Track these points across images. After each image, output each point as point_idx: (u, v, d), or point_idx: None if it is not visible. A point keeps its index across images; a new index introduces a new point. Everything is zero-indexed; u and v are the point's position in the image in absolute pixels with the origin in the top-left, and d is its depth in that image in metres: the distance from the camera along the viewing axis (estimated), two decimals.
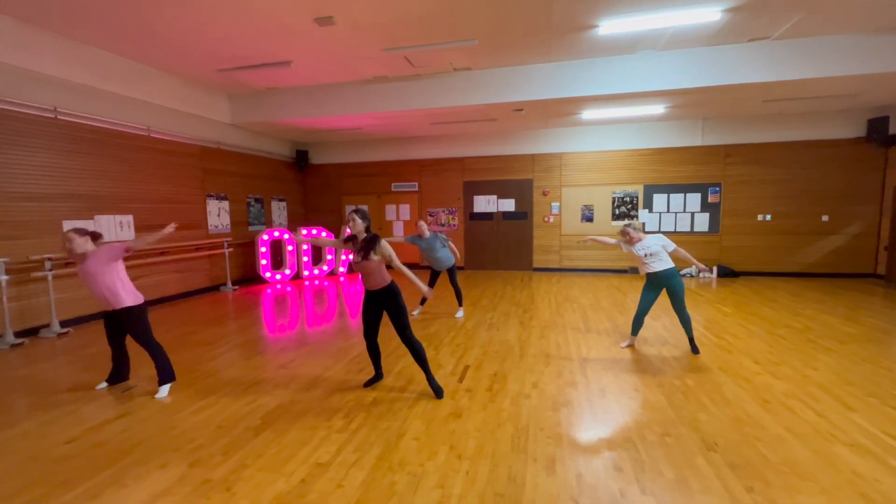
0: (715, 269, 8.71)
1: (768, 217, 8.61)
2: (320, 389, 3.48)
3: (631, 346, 4.42)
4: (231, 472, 2.39)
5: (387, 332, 4.81)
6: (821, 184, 8.32)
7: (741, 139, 8.58)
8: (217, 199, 8.09)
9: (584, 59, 6.43)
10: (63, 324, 5.45)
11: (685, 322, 4.19)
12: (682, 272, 8.87)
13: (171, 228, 3.45)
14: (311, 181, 10.95)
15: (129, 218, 6.37)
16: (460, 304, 5.87)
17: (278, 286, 8.38)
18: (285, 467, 2.43)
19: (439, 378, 3.67)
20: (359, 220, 3.27)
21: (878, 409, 3.01)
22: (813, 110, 8.02)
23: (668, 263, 4.12)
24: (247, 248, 8.82)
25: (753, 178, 8.60)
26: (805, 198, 8.42)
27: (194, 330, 5.33)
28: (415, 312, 5.96)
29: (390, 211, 10.56)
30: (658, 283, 4.17)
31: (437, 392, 3.31)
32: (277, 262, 9.14)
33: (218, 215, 8.11)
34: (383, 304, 3.31)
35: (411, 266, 6.13)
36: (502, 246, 10.00)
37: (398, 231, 10.51)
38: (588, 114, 7.99)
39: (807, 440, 2.64)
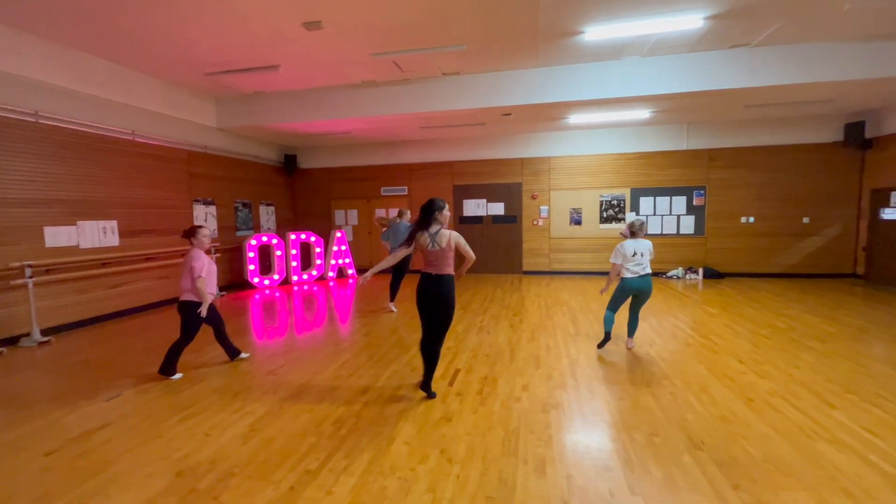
0: (701, 270, 8.86)
1: (751, 219, 8.79)
2: (310, 395, 3.45)
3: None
4: (218, 481, 2.36)
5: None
6: (801, 187, 8.53)
7: (725, 143, 8.76)
8: (204, 203, 7.99)
9: (571, 65, 6.52)
10: (44, 332, 5.31)
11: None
12: (669, 274, 9.00)
13: None
14: (300, 186, 10.88)
15: (114, 224, 6.25)
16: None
17: (266, 291, 8.29)
18: (274, 475, 2.40)
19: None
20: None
21: (858, 406, 3.09)
22: (792, 115, 8.23)
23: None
24: (234, 253, 8.72)
25: (737, 181, 8.78)
26: (786, 200, 8.62)
27: None
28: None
29: (380, 215, 10.54)
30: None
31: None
32: (266, 267, 9.05)
33: (205, 220, 8.01)
34: None
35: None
36: (492, 249, 10.04)
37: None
38: (575, 118, 8.08)
39: (790, 437, 2.70)
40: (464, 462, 2.49)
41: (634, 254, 4.14)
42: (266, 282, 8.68)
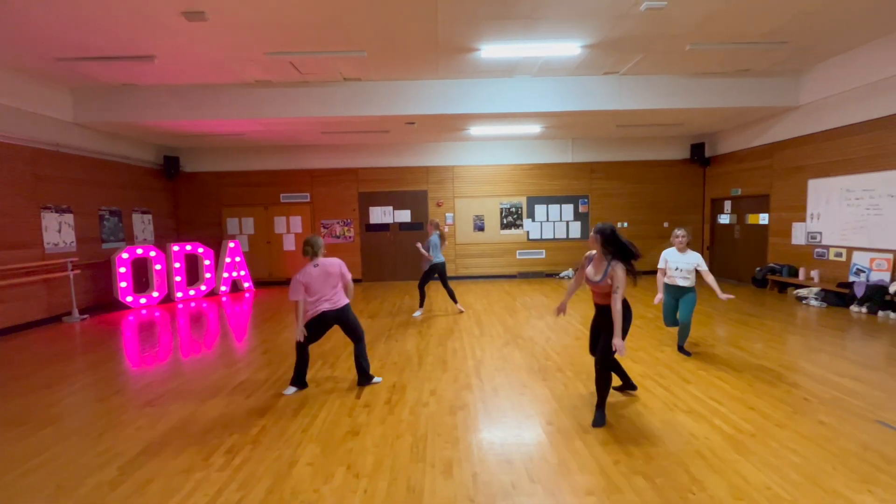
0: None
1: (626, 224, 10.06)
2: (197, 425, 3.10)
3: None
4: None
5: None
6: (660, 196, 10.01)
7: (603, 157, 9.92)
8: (57, 211, 6.74)
9: (469, 79, 6.85)
10: None
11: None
12: (562, 274, 9.87)
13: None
14: (183, 191, 9.76)
15: None
16: (456, 301, 6.62)
17: (143, 311, 7.26)
18: None
19: (335, 396, 3.54)
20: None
21: (706, 380, 3.70)
22: (653, 135, 9.64)
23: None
24: (101, 268, 7.49)
25: (613, 191, 9.99)
26: (650, 208, 10.04)
27: (26, 371, 4.34)
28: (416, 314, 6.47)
29: (280, 223, 9.91)
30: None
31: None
32: (142, 283, 7.94)
33: (58, 231, 6.76)
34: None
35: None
36: (399, 256, 10.04)
37: (288, 244, 9.91)
38: (475, 130, 8.50)
39: (657, 412, 3.13)
40: (371, 475, 2.45)
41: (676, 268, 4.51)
42: (142, 300, 7.60)
